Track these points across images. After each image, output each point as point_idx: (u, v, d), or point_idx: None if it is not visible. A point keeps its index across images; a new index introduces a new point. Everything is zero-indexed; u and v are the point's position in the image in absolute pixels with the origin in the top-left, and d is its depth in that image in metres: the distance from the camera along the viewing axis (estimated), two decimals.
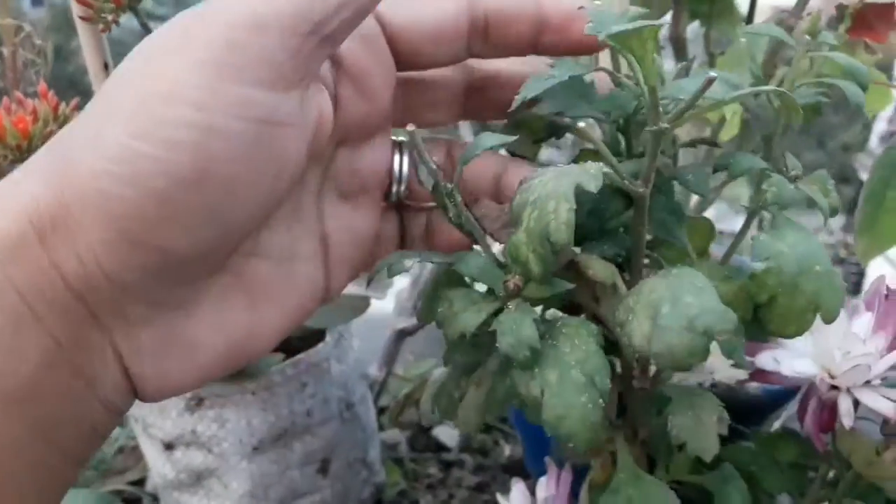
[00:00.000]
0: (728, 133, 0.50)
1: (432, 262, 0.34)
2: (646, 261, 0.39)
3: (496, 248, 0.35)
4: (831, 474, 0.44)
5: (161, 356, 0.27)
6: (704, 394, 0.40)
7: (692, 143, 0.42)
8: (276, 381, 0.55)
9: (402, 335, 0.77)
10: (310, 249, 0.31)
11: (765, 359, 0.40)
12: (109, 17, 0.44)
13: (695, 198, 0.58)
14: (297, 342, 0.58)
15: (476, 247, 0.35)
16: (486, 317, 0.33)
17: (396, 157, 0.34)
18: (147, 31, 0.49)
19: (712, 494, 0.42)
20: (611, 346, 0.35)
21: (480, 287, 0.35)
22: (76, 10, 0.46)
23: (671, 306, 0.31)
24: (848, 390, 0.38)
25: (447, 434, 0.78)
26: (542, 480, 0.48)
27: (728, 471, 0.43)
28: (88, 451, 0.27)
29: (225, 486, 0.58)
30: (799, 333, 0.36)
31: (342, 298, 0.56)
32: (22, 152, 0.49)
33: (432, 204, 0.35)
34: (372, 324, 0.69)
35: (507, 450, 0.77)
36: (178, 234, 0.24)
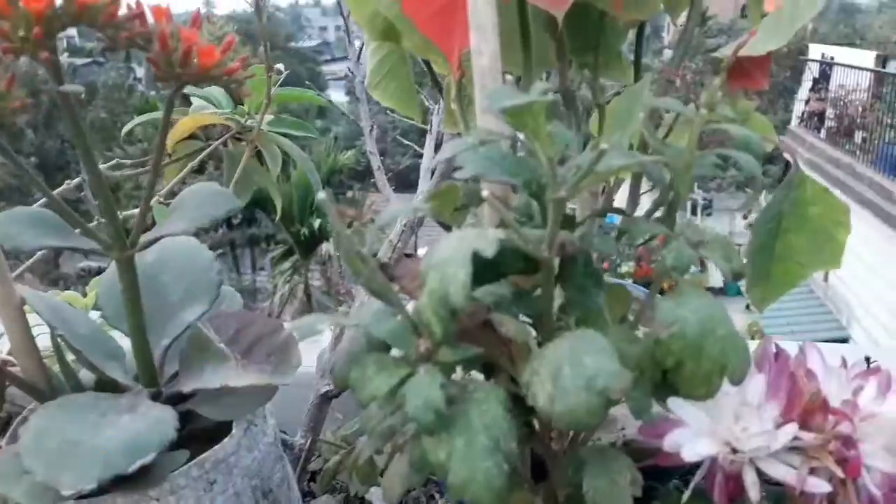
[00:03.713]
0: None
1: (347, 326, 0.35)
2: (560, 323, 0.40)
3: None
4: None
5: None
6: (618, 455, 0.40)
7: (593, 215, 0.44)
8: (181, 485, 0.51)
9: (326, 398, 0.74)
10: None
11: (669, 442, 0.40)
12: None
13: None
14: (202, 433, 0.54)
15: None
16: (398, 382, 0.33)
17: None
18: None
19: None
20: (529, 408, 0.36)
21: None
22: None
23: (571, 367, 0.31)
24: (751, 461, 0.39)
25: (379, 496, 0.76)
26: None
27: None
28: None
29: None
30: (709, 396, 0.36)
31: (247, 387, 0.54)
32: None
33: None
34: (295, 385, 0.67)
35: None
36: None
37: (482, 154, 0.40)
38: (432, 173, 0.90)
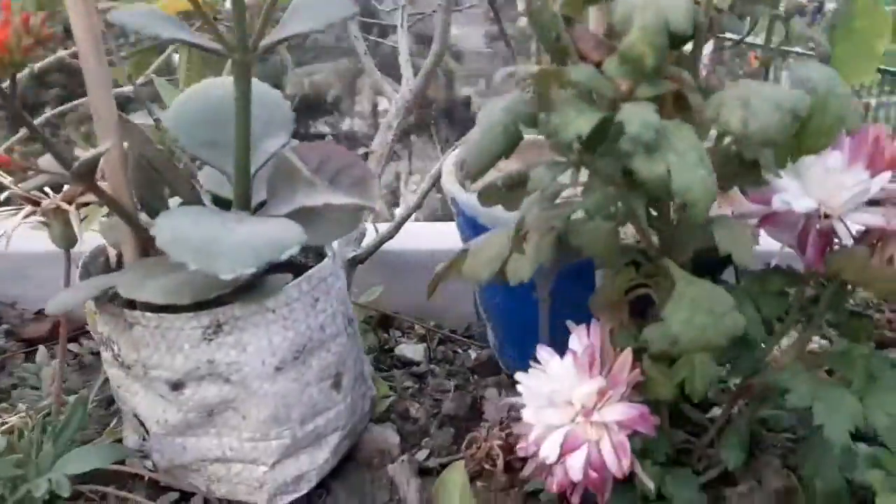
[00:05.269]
0: None
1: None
2: None
3: None
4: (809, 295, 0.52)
5: None
6: (734, 219, 0.46)
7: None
8: (294, 297, 0.55)
9: (353, 263, 0.79)
10: None
11: (777, 202, 0.46)
12: None
13: None
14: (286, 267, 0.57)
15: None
16: (600, 119, 0.37)
17: None
18: None
19: None
20: (638, 186, 0.40)
21: None
22: None
23: (757, 97, 0.37)
24: (840, 217, 0.46)
25: (411, 350, 0.81)
26: (573, 337, 0.52)
27: (740, 295, 0.50)
28: None
29: (243, 416, 0.56)
30: (828, 145, 0.43)
31: (328, 210, 0.56)
32: (3, 66, 0.45)
33: None
34: None
35: (472, 354, 0.82)
36: None
37: None
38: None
